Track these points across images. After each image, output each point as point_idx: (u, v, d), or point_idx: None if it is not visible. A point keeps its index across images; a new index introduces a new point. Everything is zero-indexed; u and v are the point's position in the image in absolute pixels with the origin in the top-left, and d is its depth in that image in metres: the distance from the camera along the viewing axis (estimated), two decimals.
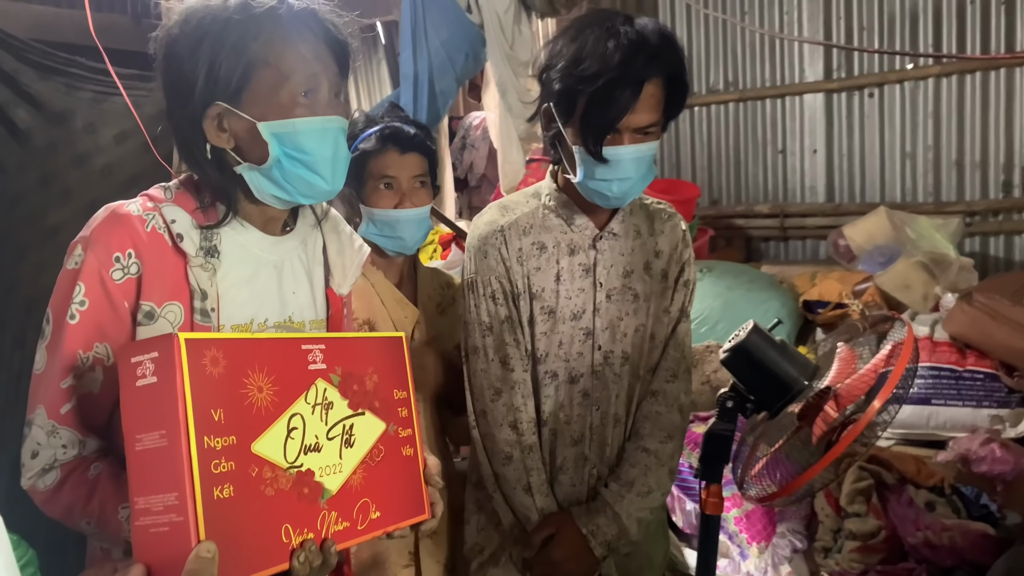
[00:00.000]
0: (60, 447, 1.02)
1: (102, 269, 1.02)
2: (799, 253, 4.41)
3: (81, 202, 2.73)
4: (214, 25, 1.02)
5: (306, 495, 0.87)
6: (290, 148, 1.05)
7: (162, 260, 1.05)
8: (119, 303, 1.02)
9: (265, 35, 1.03)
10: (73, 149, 2.76)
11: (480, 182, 4.92)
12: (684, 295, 1.60)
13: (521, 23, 3.17)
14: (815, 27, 4.18)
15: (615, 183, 1.42)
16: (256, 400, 0.84)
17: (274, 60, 1.04)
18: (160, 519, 0.76)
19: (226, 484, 0.78)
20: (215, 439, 0.78)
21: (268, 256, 1.15)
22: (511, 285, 1.50)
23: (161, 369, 0.77)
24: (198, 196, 1.10)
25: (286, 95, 1.04)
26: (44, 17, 2.90)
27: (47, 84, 2.67)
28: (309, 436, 0.88)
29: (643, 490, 1.52)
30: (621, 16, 1.41)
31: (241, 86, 1.03)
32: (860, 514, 2.18)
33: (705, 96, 4.58)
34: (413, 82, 3.09)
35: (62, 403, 1.02)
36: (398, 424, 1.03)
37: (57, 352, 1.01)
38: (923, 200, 3.98)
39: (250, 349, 0.85)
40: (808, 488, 1.36)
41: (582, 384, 1.54)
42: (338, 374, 0.95)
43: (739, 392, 1.39)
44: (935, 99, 3.91)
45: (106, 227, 1.04)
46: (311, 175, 1.08)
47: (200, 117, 1.05)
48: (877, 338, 1.44)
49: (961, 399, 2.41)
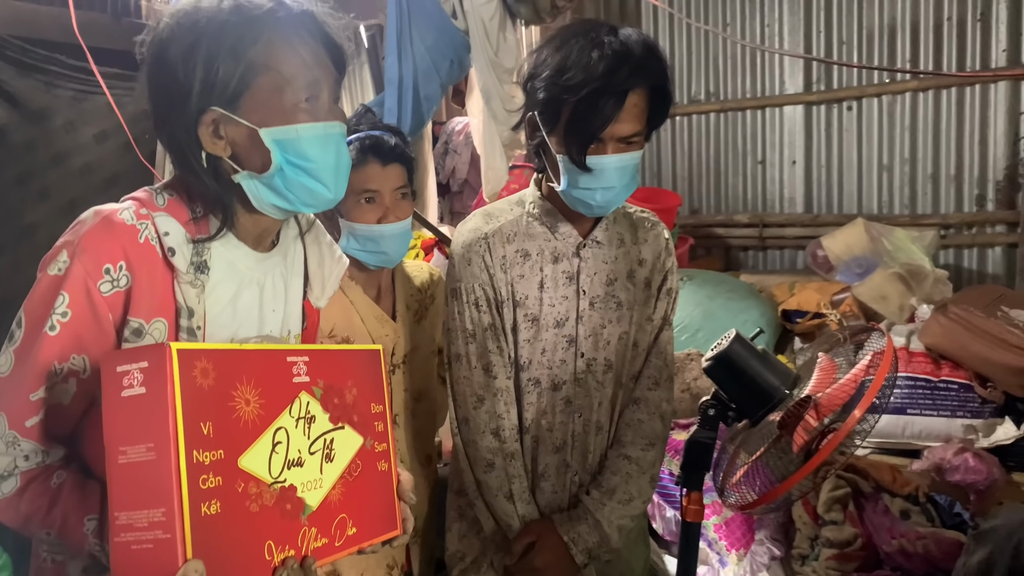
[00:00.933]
0: (21, 456, 0.96)
1: (89, 280, 0.95)
2: (778, 263, 4.46)
3: (60, 201, 2.69)
4: (209, 27, 0.97)
5: (288, 511, 0.85)
6: (292, 155, 1.01)
7: (152, 274, 0.99)
8: (104, 316, 0.96)
9: (265, 38, 0.99)
10: (52, 147, 2.73)
11: (462, 187, 4.92)
12: (667, 303, 1.61)
13: (506, 30, 3.19)
14: (796, 40, 4.24)
15: (599, 192, 1.42)
16: (243, 413, 0.82)
17: (275, 64, 0.99)
18: (144, 535, 0.74)
19: (213, 500, 0.76)
20: (203, 453, 0.76)
21: (252, 274, 1.10)
22: (494, 292, 1.50)
23: (151, 380, 0.75)
24: (191, 205, 1.04)
25: (288, 100, 1.00)
26: (24, 13, 2.84)
27: (26, 81, 2.64)
28: (292, 451, 0.87)
29: (624, 498, 1.52)
30: (606, 26, 1.42)
31: (239, 91, 0.99)
32: (837, 522, 2.19)
33: (687, 106, 4.62)
34: (398, 87, 3.09)
35: (28, 415, 0.95)
36: (374, 439, 1.02)
37: (29, 362, 0.95)
38: (899, 212, 4.05)
39: (239, 360, 0.83)
40: (787, 497, 1.38)
41: (564, 391, 1.54)
42: (320, 387, 0.93)
43: (721, 400, 1.40)
44: (912, 113, 3.98)
45: (97, 235, 0.97)
46: (314, 183, 1.03)
47: (195, 123, 0.99)
48: (855, 348, 1.46)
49: (936, 409, 2.45)
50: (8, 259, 2.51)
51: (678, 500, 1.46)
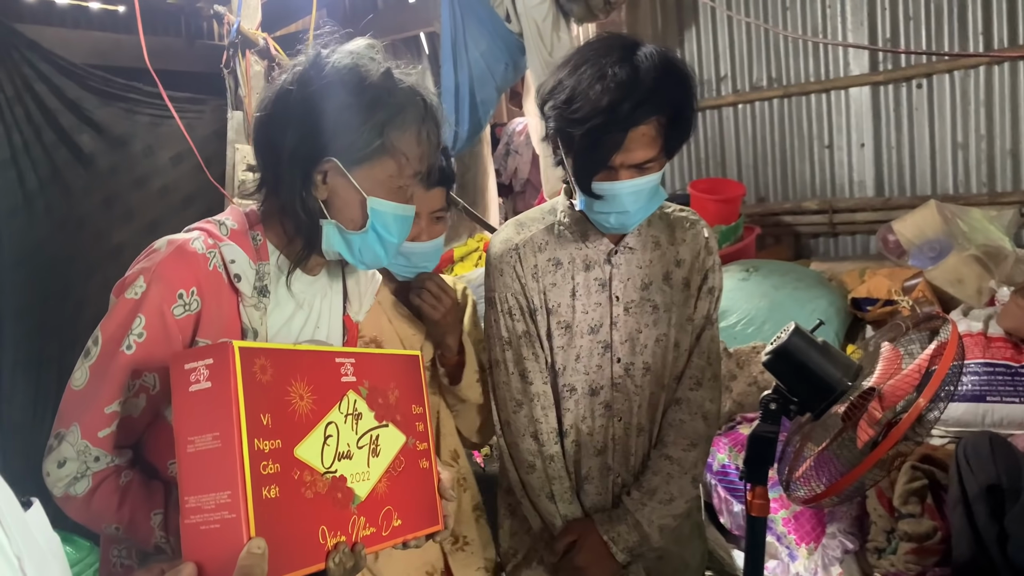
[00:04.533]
0: (92, 459, 1.04)
1: (163, 304, 1.03)
2: (849, 249, 4.34)
3: (142, 222, 2.86)
4: (367, 90, 1.09)
5: (339, 499, 0.91)
6: (380, 226, 1.13)
7: (219, 299, 1.08)
8: (175, 338, 1.05)
9: (407, 124, 1.10)
10: (133, 171, 2.90)
11: (524, 187, 4.96)
12: (709, 302, 1.59)
13: (560, 30, 3.21)
14: (859, 19, 4.11)
15: (612, 216, 1.43)
16: (298, 407, 0.88)
17: (404, 151, 1.11)
18: (212, 516, 0.80)
19: (273, 485, 0.82)
20: (264, 442, 0.82)
21: (304, 296, 1.20)
22: (527, 301, 1.53)
23: (216, 375, 0.81)
24: (254, 230, 1.14)
25: (397, 183, 1.12)
26: (102, 43, 3.02)
27: (108, 110, 2.81)
28: (342, 444, 0.93)
29: (665, 498, 1.53)
30: (621, 50, 1.38)
31: (364, 159, 1.09)
32: (914, 515, 2.14)
33: (748, 93, 4.53)
34: (454, 94, 3.15)
35: (102, 427, 1.03)
36: (416, 438, 1.08)
37: (106, 378, 1.03)
38: (976, 191, 3.88)
39: (293, 359, 0.90)
40: (857, 487, 1.36)
41: (602, 396, 1.55)
42: (366, 387, 1.00)
43: (782, 394, 1.39)
44: (987, 88, 3.81)
45: (171, 262, 1.05)
46: (381, 251, 1.15)
47: (314, 165, 1.09)
48: (929, 335, 1.42)
49: (1017, 395, 2.35)
50: (99, 278, 2.68)
51: (744, 495, 1.46)
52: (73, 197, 2.72)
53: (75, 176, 2.73)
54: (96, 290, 2.67)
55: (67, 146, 2.69)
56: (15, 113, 2.55)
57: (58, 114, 2.66)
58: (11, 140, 2.55)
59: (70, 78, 2.69)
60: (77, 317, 2.65)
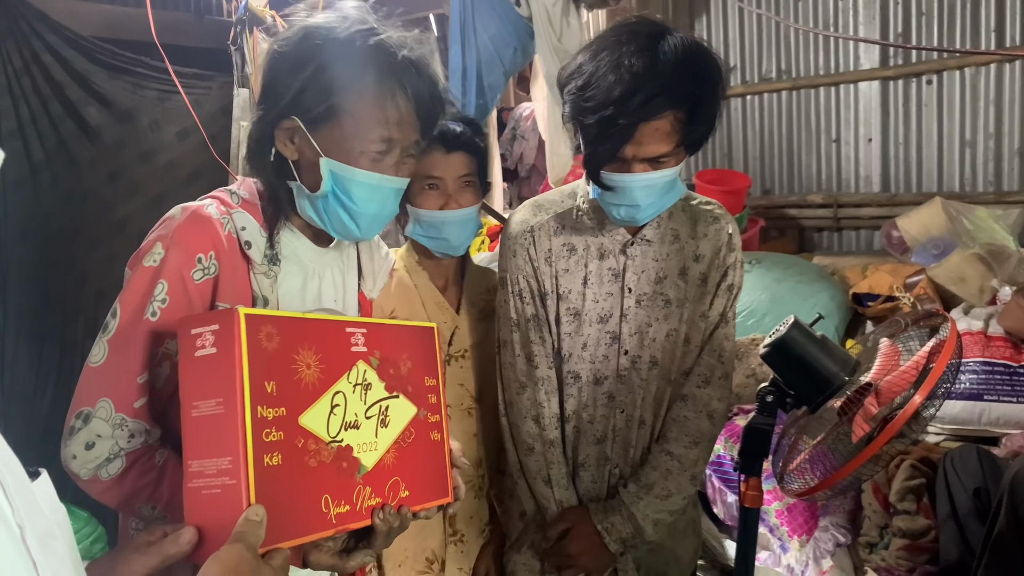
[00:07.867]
0: (125, 438, 1.02)
1: (183, 269, 1.04)
2: (853, 244, 4.33)
3: (147, 196, 2.86)
4: (319, 51, 1.08)
5: (344, 469, 0.92)
6: (340, 190, 1.10)
7: (233, 264, 1.09)
8: (196, 302, 1.05)
9: (359, 88, 1.08)
10: (139, 146, 2.89)
11: (530, 173, 4.94)
12: (726, 300, 1.55)
13: (570, 15, 3.18)
14: (871, 13, 4.09)
15: (622, 208, 1.41)
16: (304, 376, 0.88)
17: (358, 114, 1.08)
18: (213, 481, 0.80)
19: (275, 452, 0.82)
20: (267, 409, 0.83)
21: (315, 266, 1.20)
22: (538, 284, 1.52)
23: (221, 341, 0.82)
24: (262, 204, 1.15)
25: (356, 147, 1.09)
26: (112, 16, 3.00)
27: (116, 83, 2.80)
28: (349, 414, 0.93)
29: (662, 493, 1.51)
30: (643, 38, 1.32)
31: (321, 118, 1.08)
32: (910, 512, 2.15)
33: (757, 84, 4.51)
34: (461, 77, 3.13)
35: (137, 398, 1.02)
36: (428, 410, 1.07)
37: (132, 347, 1.02)
38: (983, 189, 3.87)
39: (301, 328, 0.90)
40: (851, 481, 1.37)
41: (606, 386, 1.54)
42: (376, 357, 0.99)
43: (779, 387, 1.39)
44: (997, 86, 3.79)
45: (189, 227, 1.06)
46: (348, 220, 1.13)
47: (276, 124, 1.10)
48: (928, 333, 1.43)
49: (1015, 395, 2.36)
50: (104, 251, 2.68)
51: (738, 485, 1.47)
52: (79, 170, 2.72)
53: (81, 149, 2.72)
54: (99, 263, 2.68)
55: (73, 119, 2.69)
56: (22, 85, 2.55)
57: (65, 86, 2.65)
58: (18, 112, 2.54)
59: (78, 50, 2.68)
60: (80, 290, 2.66)
